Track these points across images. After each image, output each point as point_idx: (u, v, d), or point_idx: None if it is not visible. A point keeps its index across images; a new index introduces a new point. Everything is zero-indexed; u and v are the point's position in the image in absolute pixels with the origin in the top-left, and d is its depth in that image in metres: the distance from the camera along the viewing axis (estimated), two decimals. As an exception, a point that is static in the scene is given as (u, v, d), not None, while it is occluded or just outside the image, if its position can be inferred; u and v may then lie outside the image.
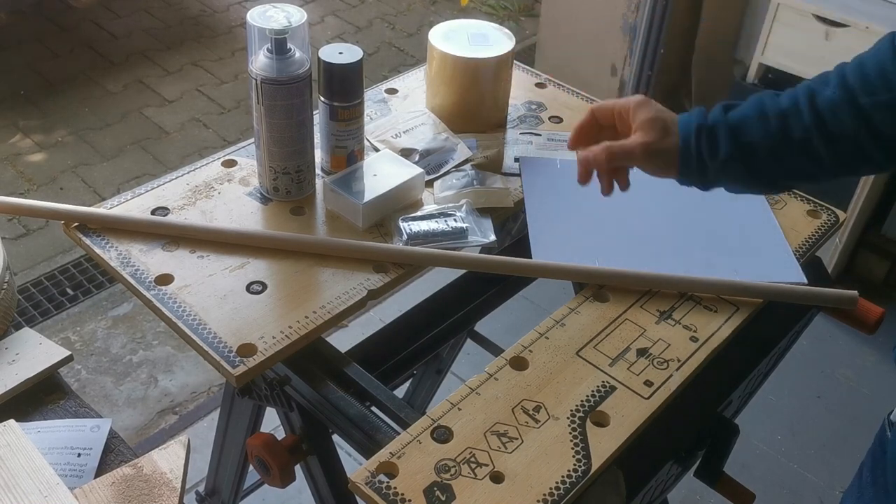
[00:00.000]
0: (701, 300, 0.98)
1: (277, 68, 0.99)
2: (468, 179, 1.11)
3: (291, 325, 0.90)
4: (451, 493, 0.75)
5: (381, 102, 1.29)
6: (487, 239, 1.04)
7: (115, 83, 3.17)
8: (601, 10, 2.88)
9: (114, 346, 2.18)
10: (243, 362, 0.86)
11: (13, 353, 0.92)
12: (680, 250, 1.05)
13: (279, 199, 1.08)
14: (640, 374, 0.88)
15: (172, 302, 0.93)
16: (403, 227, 1.02)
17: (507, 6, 3.86)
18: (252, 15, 1.00)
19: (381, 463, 0.77)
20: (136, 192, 1.09)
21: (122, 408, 2.03)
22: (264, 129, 1.03)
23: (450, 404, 0.84)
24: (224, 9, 3.71)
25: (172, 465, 0.79)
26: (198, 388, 2.09)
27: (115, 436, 0.86)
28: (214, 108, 3.09)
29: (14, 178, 2.68)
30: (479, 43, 1.20)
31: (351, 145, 1.10)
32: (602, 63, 2.98)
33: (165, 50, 3.39)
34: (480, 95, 1.22)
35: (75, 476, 0.81)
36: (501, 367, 0.88)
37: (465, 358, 1.69)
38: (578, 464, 0.78)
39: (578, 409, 0.83)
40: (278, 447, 0.97)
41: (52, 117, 2.97)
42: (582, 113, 0.92)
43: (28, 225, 2.50)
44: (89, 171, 2.74)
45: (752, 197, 1.14)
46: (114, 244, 1.00)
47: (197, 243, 1.00)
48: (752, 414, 1.23)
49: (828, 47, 2.29)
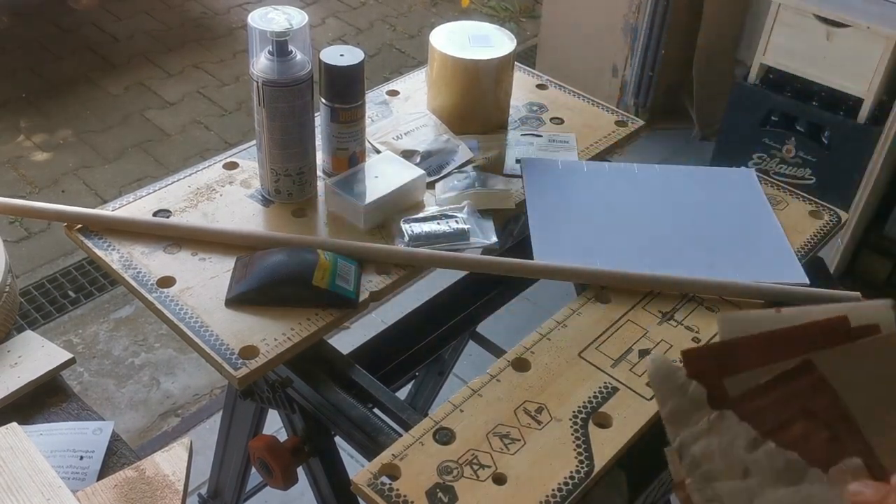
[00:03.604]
0: (703, 301, 0.97)
1: (279, 70, 0.99)
2: (470, 181, 1.11)
3: (293, 326, 0.90)
4: (454, 495, 0.75)
5: (383, 104, 1.29)
6: (489, 240, 1.04)
7: (117, 85, 3.17)
8: (602, 11, 2.88)
9: (116, 348, 2.18)
10: (245, 364, 0.86)
11: (15, 355, 0.92)
12: (682, 251, 1.05)
13: (281, 200, 1.08)
14: (643, 376, 0.88)
15: (174, 304, 0.93)
16: (405, 228, 1.03)
17: (508, 7, 3.86)
18: (253, 17, 1.00)
19: (383, 465, 0.77)
20: (137, 195, 1.09)
21: (125, 410, 2.03)
22: (266, 131, 1.04)
23: (452, 406, 0.84)
24: (225, 11, 3.72)
25: (175, 468, 0.79)
26: (200, 390, 2.09)
27: (117, 438, 0.86)
28: (216, 111, 3.09)
29: (16, 180, 2.68)
30: (480, 44, 1.20)
31: (352, 147, 1.10)
32: (603, 64, 2.98)
33: (167, 52, 3.39)
34: (481, 97, 1.22)
35: (78, 479, 0.81)
36: (503, 368, 0.88)
37: (467, 359, 1.69)
38: (581, 465, 0.78)
39: (581, 411, 0.83)
40: (280, 449, 0.97)
41: (53, 120, 2.98)
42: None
43: (30, 227, 2.51)
44: (91, 173, 2.75)
45: (754, 197, 1.14)
46: (116, 246, 1.00)
47: (199, 245, 1.01)
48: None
49: (829, 47, 2.29)
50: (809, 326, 0.56)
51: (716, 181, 1.17)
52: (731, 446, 0.54)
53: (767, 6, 2.40)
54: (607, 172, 1.17)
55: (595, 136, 1.24)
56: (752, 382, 0.55)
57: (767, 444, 0.53)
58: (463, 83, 1.20)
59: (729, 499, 0.53)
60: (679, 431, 0.55)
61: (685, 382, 0.55)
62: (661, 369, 0.56)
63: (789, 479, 0.52)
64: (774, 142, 2.51)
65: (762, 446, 0.53)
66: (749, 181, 1.17)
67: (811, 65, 2.36)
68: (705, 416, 0.54)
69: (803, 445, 0.53)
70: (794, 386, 0.55)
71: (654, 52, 2.87)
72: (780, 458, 0.53)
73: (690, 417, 0.55)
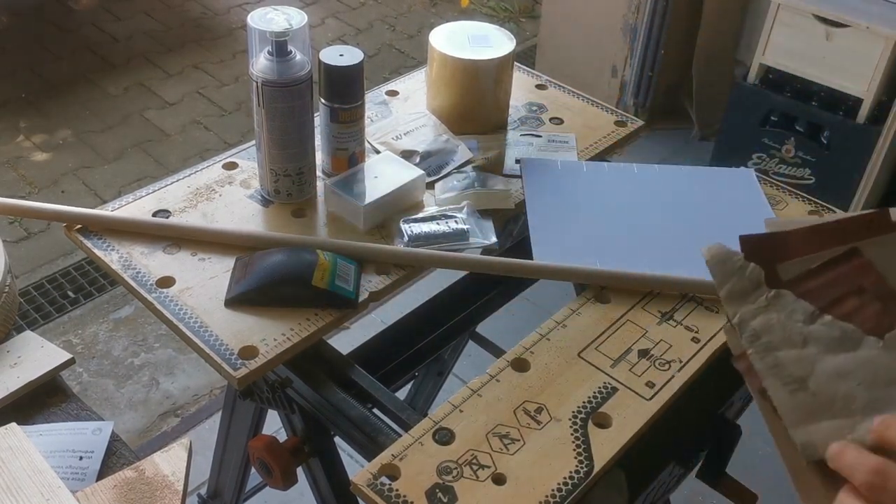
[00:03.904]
0: (703, 301, 0.97)
1: (278, 70, 0.99)
2: (469, 181, 1.11)
3: (293, 327, 0.90)
4: (454, 495, 0.75)
5: (382, 104, 1.29)
6: (489, 240, 1.04)
7: (116, 86, 3.17)
8: (602, 11, 2.88)
9: (115, 348, 2.18)
10: (245, 364, 0.86)
11: (15, 356, 0.92)
12: (682, 251, 1.05)
13: (280, 201, 1.08)
14: (642, 376, 0.88)
15: (174, 304, 0.93)
16: (405, 228, 1.03)
17: (508, 7, 3.86)
18: (253, 17, 1.00)
19: (382, 465, 0.77)
20: (137, 195, 1.09)
21: (124, 410, 2.03)
22: (265, 131, 1.04)
23: (451, 406, 0.84)
24: (225, 11, 3.72)
25: (174, 468, 0.79)
26: (199, 390, 2.09)
27: (116, 438, 0.86)
28: (215, 111, 3.09)
29: (16, 180, 2.68)
30: (480, 44, 1.20)
31: (352, 147, 1.10)
32: (603, 64, 2.98)
33: (166, 52, 3.39)
34: (481, 97, 1.22)
35: (77, 479, 0.81)
36: (503, 368, 0.88)
37: (467, 359, 1.69)
38: (580, 465, 0.78)
39: (580, 411, 0.83)
40: (280, 449, 0.97)
41: (53, 120, 2.98)
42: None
43: (29, 228, 2.51)
44: (90, 173, 2.75)
45: (753, 197, 1.14)
46: (115, 247, 1.00)
47: (198, 245, 1.01)
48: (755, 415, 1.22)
49: (828, 48, 2.29)
50: (853, 219, 0.60)
51: (715, 181, 1.17)
52: (789, 320, 0.58)
53: (767, 6, 2.40)
54: (607, 172, 1.17)
55: (595, 137, 1.24)
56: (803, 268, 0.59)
57: (824, 317, 0.58)
58: (462, 83, 1.20)
59: (791, 366, 0.57)
60: (738, 309, 0.59)
61: (743, 265, 0.60)
62: (718, 254, 0.61)
63: (847, 346, 0.56)
64: (774, 142, 2.51)
65: (819, 319, 0.58)
66: (749, 181, 1.17)
67: (811, 65, 2.36)
68: (763, 295, 0.59)
69: (857, 318, 0.58)
70: (843, 269, 0.59)
71: (654, 52, 2.87)
72: (836, 328, 0.57)
73: (749, 296, 0.59)
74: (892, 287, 0.58)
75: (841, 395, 0.56)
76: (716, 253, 0.61)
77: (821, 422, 0.55)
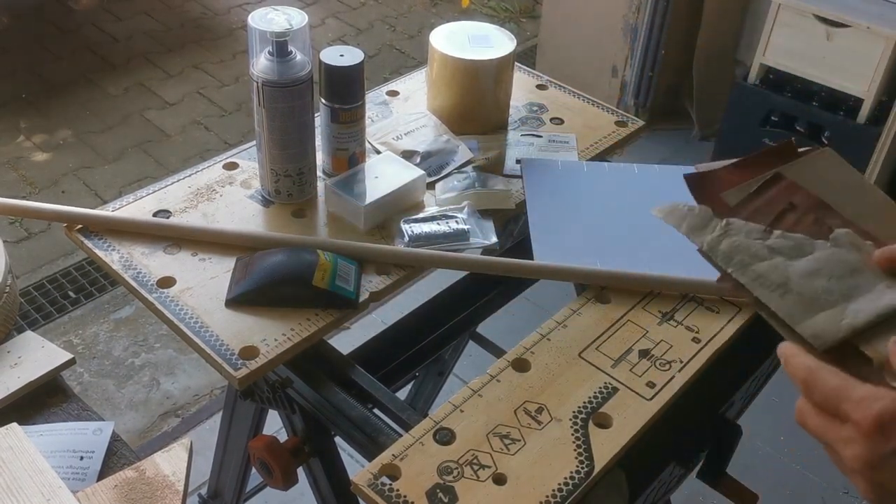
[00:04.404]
0: (703, 301, 0.97)
1: (278, 71, 0.99)
2: (470, 181, 1.11)
3: (293, 327, 0.90)
4: (454, 495, 0.75)
5: (383, 104, 1.29)
6: (489, 241, 1.04)
7: (117, 86, 3.17)
8: (602, 11, 2.89)
9: (116, 348, 2.18)
10: (245, 364, 0.86)
11: (15, 356, 0.92)
12: (682, 251, 1.05)
13: (281, 201, 1.09)
14: (643, 376, 0.88)
15: (174, 304, 0.93)
16: (405, 228, 1.03)
17: (508, 8, 3.86)
18: (253, 17, 1.00)
19: (383, 465, 0.77)
20: (137, 195, 1.09)
21: (125, 410, 2.03)
22: (266, 131, 1.04)
23: (452, 406, 0.84)
24: (225, 11, 3.72)
25: (175, 468, 0.79)
26: (200, 390, 2.09)
27: (117, 438, 0.86)
28: (215, 111, 3.09)
29: (16, 180, 2.68)
30: (480, 44, 1.20)
31: (352, 147, 1.10)
32: (603, 64, 2.98)
33: (166, 53, 3.39)
34: (481, 97, 1.22)
35: (78, 479, 0.81)
36: (503, 368, 0.88)
37: (467, 359, 1.69)
38: (581, 465, 0.78)
39: (581, 411, 0.83)
40: (280, 449, 0.97)
41: (53, 120, 2.98)
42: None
43: (30, 228, 2.51)
44: (91, 173, 2.75)
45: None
46: (116, 247, 1.00)
47: (199, 246, 1.01)
48: (755, 415, 1.23)
49: (829, 48, 2.29)
50: (767, 151, 0.71)
51: (716, 181, 1.17)
52: (748, 239, 0.65)
53: (767, 6, 2.41)
54: (607, 173, 1.17)
55: (595, 137, 1.24)
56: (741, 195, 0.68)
57: (774, 232, 0.66)
58: (463, 83, 1.20)
59: (770, 275, 0.64)
60: (703, 239, 0.67)
61: (691, 208, 0.68)
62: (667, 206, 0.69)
63: (804, 251, 0.64)
64: (774, 142, 2.50)
65: (772, 235, 0.65)
66: (749, 181, 1.17)
67: (811, 65, 2.36)
68: (718, 224, 0.66)
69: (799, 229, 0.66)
70: (774, 191, 0.68)
71: (654, 52, 2.87)
72: (790, 239, 0.65)
73: (706, 227, 0.67)
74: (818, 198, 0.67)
75: (821, 290, 0.62)
76: (664, 207, 0.69)
77: (816, 314, 0.61)
